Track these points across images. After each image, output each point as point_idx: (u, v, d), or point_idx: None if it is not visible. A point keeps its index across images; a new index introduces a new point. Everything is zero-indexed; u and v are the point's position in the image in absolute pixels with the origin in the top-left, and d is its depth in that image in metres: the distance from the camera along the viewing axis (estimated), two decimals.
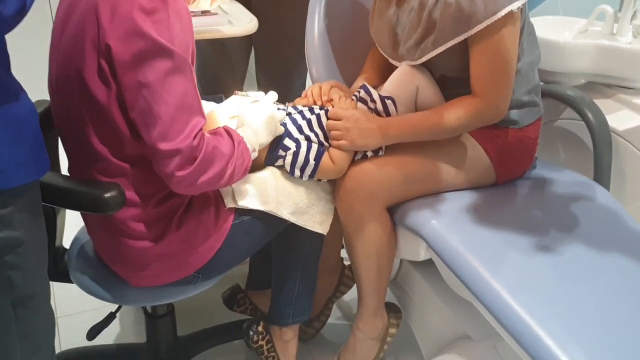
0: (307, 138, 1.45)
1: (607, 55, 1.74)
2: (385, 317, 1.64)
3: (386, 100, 1.46)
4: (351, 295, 1.84)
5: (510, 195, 1.53)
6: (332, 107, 1.50)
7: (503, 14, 1.31)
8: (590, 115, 1.65)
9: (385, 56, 1.57)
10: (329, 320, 1.87)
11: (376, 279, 1.56)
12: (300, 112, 1.49)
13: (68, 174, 1.30)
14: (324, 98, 1.54)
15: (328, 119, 1.47)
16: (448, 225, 1.40)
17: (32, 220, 1.02)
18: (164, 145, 1.10)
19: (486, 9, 1.31)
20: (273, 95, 1.45)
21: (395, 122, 1.44)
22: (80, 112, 1.17)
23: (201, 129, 1.14)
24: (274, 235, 1.46)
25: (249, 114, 1.36)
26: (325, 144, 1.47)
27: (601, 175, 1.63)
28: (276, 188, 1.39)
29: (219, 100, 2.01)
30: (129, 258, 1.26)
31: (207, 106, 1.46)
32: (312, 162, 1.42)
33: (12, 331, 1.03)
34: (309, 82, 2.35)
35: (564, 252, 1.35)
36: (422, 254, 1.48)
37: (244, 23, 1.72)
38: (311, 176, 1.43)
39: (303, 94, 1.59)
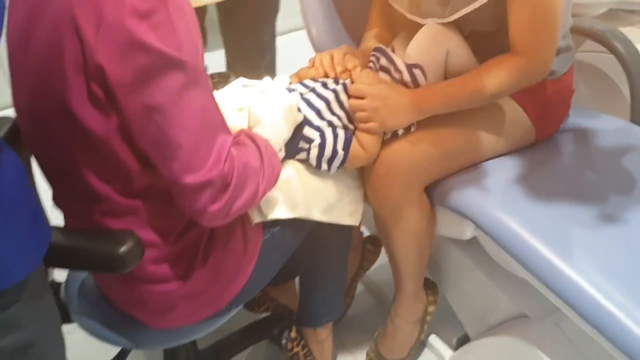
0: (330, 124, 1.24)
1: None
2: (425, 298, 1.51)
3: (414, 69, 1.25)
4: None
5: (554, 156, 1.38)
6: (350, 79, 1.29)
7: None
8: (623, 50, 1.49)
9: (401, 11, 1.34)
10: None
11: (416, 265, 1.41)
12: (313, 90, 1.27)
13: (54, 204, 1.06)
14: (338, 69, 1.31)
15: (349, 96, 1.26)
16: (500, 204, 1.24)
17: (41, 307, 0.81)
18: (190, 179, 0.89)
19: None
20: (284, 79, 1.23)
21: (429, 94, 1.24)
22: (69, 147, 0.93)
23: (230, 148, 0.93)
24: (303, 238, 1.27)
25: (263, 107, 1.14)
26: (350, 126, 1.26)
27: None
28: (303, 188, 1.20)
29: (224, 81, 1.74)
30: (150, 303, 1.06)
31: None
32: (340, 152, 1.22)
33: None
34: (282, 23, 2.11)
35: (630, 219, 1.22)
36: (469, 234, 1.33)
37: None
38: (340, 167, 1.24)
39: (310, 63, 1.36)
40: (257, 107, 1.14)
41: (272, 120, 1.12)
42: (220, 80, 1.73)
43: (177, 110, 0.86)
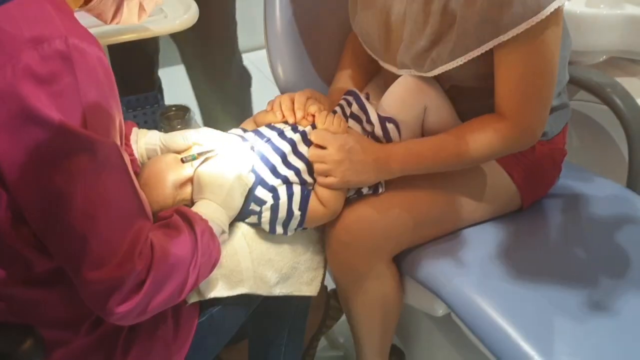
0: (285, 180, 1.09)
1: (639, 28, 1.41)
2: None
3: (387, 123, 1.10)
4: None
5: (540, 227, 1.23)
6: (311, 125, 1.13)
7: (548, 13, 0.95)
8: (623, 107, 1.34)
9: (375, 58, 1.19)
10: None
11: (380, 339, 1.26)
12: (269, 142, 1.11)
13: None
14: (299, 114, 1.16)
15: (309, 144, 1.11)
16: (476, 283, 1.10)
17: None
18: (94, 275, 0.73)
19: (525, 6, 0.95)
20: (234, 140, 1.08)
21: (400, 152, 1.09)
22: None
23: (147, 238, 0.77)
24: (249, 313, 1.12)
25: (208, 179, 0.98)
26: (309, 179, 1.11)
27: (637, 182, 1.35)
28: (252, 259, 1.04)
29: (181, 117, 1.58)
30: None
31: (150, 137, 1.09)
32: (297, 213, 1.07)
33: None
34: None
35: (622, 309, 1.08)
36: (441, 311, 1.19)
37: (180, 15, 1.30)
38: (298, 228, 1.09)
39: (268, 106, 1.20)
40: (204, 175, 0.98)
41: (217, 194, 0.96)
42: (178, 114, 1.59)
43: (80, 197, 0.70)
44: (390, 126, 1.10)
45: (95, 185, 0.71)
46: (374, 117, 1.11)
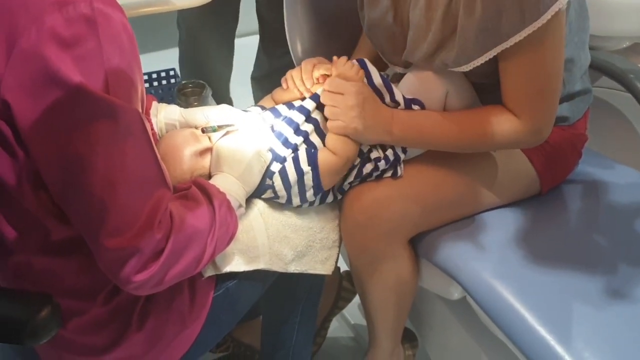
0: (295, 149, 1.07)
1: None
2: (402, 353, 1.35)
3: (413, 105, 1.08)
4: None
5: (559, 213, 1.22)
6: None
7: (549, 17, 0.92)
8: None
9: (382, 58, 1.17)
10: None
11: (394, 321, 1.25)
12: (286, 119, 1.10)
13: None
14: (308, 84, 1.12)
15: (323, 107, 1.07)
16: (493, 268, 1.09)
17: None
18: (113, 243, 0.73)
19: (524, 12, 0.92)
20: (253, 115, 1.06)
21: (405, 119, 1.07)
22: None
23: (167, 207, 0.77)
24: (265, 290, 1.11)
25: (227, 152, 0.97)
26: (317, 141, 1.08)
27: None
28: (268, 235, 1.04)
29: (198, 94, 1.57)
30: None
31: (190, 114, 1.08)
32: (307, 169, 1.04)
33: None
34: None
35: None
36: (457, 295, 1.18)
37: None
38: (317, 191, 1.06)
39: (284, 84, 1.18)
40: (223, 149, 0.98)
41: (235, 168, 0.96)
42: (194, 90, 1.58)
43: (100, 163, 0.70)
44: (416, 108, 1.09)
45: (116, 152, 0.71)
46: (399, 96, 1.09)
